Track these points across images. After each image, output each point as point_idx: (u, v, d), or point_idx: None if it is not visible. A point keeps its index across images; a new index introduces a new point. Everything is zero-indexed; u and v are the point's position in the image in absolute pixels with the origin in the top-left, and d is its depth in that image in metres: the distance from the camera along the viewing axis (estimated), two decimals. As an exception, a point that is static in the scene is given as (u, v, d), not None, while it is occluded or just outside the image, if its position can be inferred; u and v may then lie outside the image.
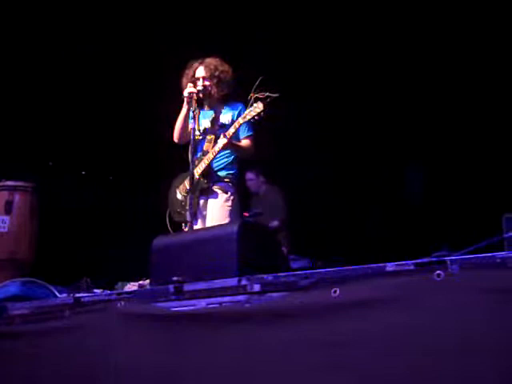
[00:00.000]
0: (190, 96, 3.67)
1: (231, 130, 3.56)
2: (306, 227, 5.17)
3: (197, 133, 3.68)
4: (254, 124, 3.59)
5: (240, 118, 3.52)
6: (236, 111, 3.74)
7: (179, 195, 3.85)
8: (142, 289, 3.31)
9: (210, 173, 3.71)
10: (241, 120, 3.50)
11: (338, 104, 5.17)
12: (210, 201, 3.70)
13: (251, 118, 3.43)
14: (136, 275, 3.66)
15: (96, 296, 2.84)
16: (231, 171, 3.79)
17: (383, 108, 5.16)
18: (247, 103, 3.45)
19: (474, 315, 1.41)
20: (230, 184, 3.75)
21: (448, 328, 1.44)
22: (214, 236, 2.46)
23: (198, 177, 3.65)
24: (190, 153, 3.57)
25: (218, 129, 3.76)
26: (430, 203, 5.09)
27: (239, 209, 3.77)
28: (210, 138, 3.78)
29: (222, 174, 3.75)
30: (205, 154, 3.72)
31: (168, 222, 3.83)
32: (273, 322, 1.78)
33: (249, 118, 3.44)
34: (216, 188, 3.71)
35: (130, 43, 5.26)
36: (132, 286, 3.70)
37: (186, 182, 3.75)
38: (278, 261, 2.34)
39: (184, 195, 3.78)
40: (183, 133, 3.82)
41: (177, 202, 3.85)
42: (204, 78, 3.77)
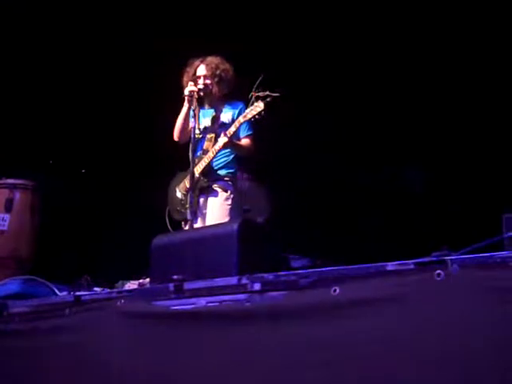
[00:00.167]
0: (190, 94, 3.67)
1: (232, 129, 3.56)
2: (306, 226, 5.16)
3: (197, 131, 3.69)
4: (254, 123, 3.59)
5: (241, 116, 3.52)
6: (237, 110, 3.74)
7: (179, 194, 3.85)
8: (142, 287, 3.31)
9: (210, 171, 3.72)
10: (241, 119, 3.51)
11: (337, 104, 5.17)
12: (210, 199, 3.70)
13: (252, 117, 3.43)
14: (136, 274, 3.67)
15: (96, 294, 2.85)
16: (231, 170, 3.79)
17: (383, 106, 5.16)
18: (248, 102, 3.46)
19: (474, 314, 1.41)
20: (229, 182, 3.75)
21: (449, 327, 1.45)
22: (214, 234, 2.46)
23: (198, 175, 3.66)
24: (190, 151, 3.57)
25: (218, 127, 3.76)
26: (430, 202, 5.09)
27: (239, 207, 3.78)
28: (210, 136, 3.78)
29: (222, 172, 3.76)
30: (205, 152, 3.72)
31: (167, 221, 3.84)
32: (273, 321, 1.78)
33: (249, 116, 3.44)
34: (216, 186, 3.71)
35: (129, 41, 5.25)
36: (132, 285, 3.70)
37: (186, 181, 3.75)
38: (278, 259, 2.35)
39: (184, 194, 3.78)
40: (184, 131, 3.82)
41: (176, 200, 3.85)
42: (205, 77, 3.77)
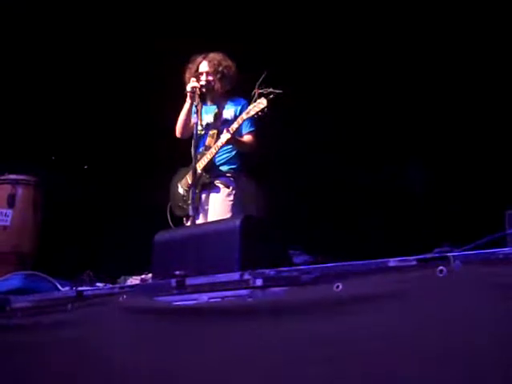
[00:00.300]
0: (192, 91, 3.67)
1: (234, 126, 3.56)
2: (305, 226, 5.16)
3: (199, 128, 3.68)
4: (257, 120, 3.58)
5: (243, 113, 3.52)
6: (239, 106, 3.73)
7: (181, 190, 3.85)
8: (145, 283, 3.31)
9: (212, 167, 3.72)
10: (244, 116, 3.50)
11: (337, 103, 5.16)
12: (212, 195, 3.70)
13: (255, 114, 3.43)
14: (138, 269, 3.67)
15: (98, 290, 2.85)
16: (233, 166, 3.79)
17: (383, 106, 5.14)
18: (250, 99, 3.45)
19: (477, 311, 1.41)
20: (231, 178, 3.75)
21: (451, 323, 1.45)
22: (216, 230, 2.46)
23: (200, 171, 3.66)
24: (192, 147, 3.57)
25: (220, 124, 3.76)
26: (432, 199, 5.08)
27: (241, 203, 3.78)
28: (212, 133, 3.78)
29: (224, 168, 3.76)
30: (207, 148, 3.72)
31: (169, 217, 3.84)
32: (275, 317, 1.78)
33: (252, 113, 3.43)
34: (218, 182, 3.71)
35: (130, 39, 5.25)
36: (134, 280, 3.70)
37: (188, 177, 3.76)
38: (280, 255, 2.34)
39: (186, 190, 3.79)
40: (186, 127, 3.82)
41: (178, 196, 3.85)
42: (207, 73, 3.76)
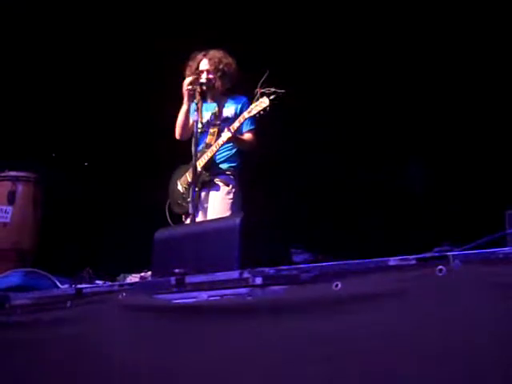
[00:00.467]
0: (192, 88, 3.67)
1: (236, 124, 3.56)
2: (305, 226, 5.16)
3: (200, 125, 3.68)
4: (258, 118, 3.58)
5: (245, 112, 3.51)
6: (239, 105, 3.73)
7: (180, 187, 3.85)
8: (144, 281, 3.31)
9: (212, 165, 3.71)
10: (246, 114, 3.50)
11: (337, 103, 5.16)
12: (212, 193, 3.70)
13: (256, 113, 3.43)
14: (138, 267, 3.67)
15: (98, 287, 2.86)
16: (233, 164, 3.79)
17: (383, 105, 5.14)
18: (252, 98, 3.45)
19: (477, 310, 1.41)
20: (231, 177, 3.75)
21: (450, 323, 1.45)
22: (216, 228, 2.46)
23: (200, 169, 3.66)
24: (192, 145, 3.57)
25: (221, 122, 3.76)
26: (431, 198, 5.08)
27: (241, 201, 3.78)
28: (212, 131, 3.78)
29: (224, 166, 3.76)
30: (207, 146, 3.72)
31: (168, 214, 3.84)
32: (274, 315, 1.78)
33: (254, 112, 3.43)
34: (218, 180, 3.72)
35: (130, 39, 5.26)
36: (134, 278, 3.70)
37: (188, 175, 3.75)
38: (279, 254, 2.35)
39: (185, 187, 3.78)
40: (185, 129, 3.82)
41: (177, 193, 3.85)
42: (208, 71, 3.76)
